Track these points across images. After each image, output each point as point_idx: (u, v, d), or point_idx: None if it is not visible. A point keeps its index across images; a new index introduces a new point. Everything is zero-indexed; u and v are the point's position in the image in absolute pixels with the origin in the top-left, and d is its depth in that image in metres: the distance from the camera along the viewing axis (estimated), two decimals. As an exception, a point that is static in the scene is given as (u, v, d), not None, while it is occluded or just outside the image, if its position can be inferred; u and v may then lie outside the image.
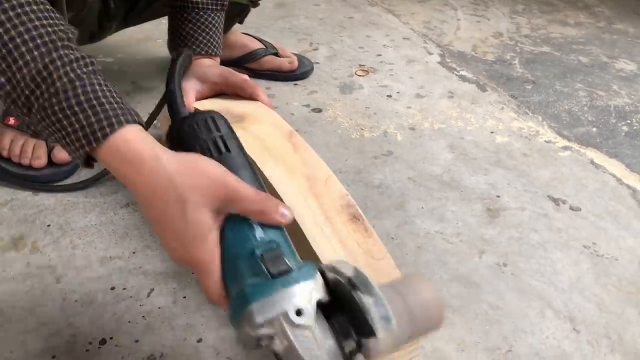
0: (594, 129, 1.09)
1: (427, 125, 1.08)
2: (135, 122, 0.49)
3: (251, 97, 0.82)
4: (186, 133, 0.55)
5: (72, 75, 0.48)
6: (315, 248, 0.57)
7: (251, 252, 0.47)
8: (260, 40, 1.22)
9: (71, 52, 0.49)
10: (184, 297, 0.69)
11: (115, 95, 0.50)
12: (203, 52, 0.87)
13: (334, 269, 0.47)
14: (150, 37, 1.35)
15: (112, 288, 0.70)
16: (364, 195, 0.88)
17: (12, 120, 0.88)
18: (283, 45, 1.26)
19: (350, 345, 0.46)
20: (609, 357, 0.64)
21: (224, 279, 0.49)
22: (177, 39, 0.88)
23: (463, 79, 1.27)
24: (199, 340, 0.64)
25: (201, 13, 0.87)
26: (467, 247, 0.79)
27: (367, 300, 0.45)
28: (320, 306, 0.46)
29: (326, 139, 1.02)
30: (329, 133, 1.04)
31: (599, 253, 0.79)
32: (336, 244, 0.58)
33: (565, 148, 1.03)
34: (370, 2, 1.69)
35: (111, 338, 0.63)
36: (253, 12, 1.16)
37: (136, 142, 0.48)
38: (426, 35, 1.50)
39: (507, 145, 1.03)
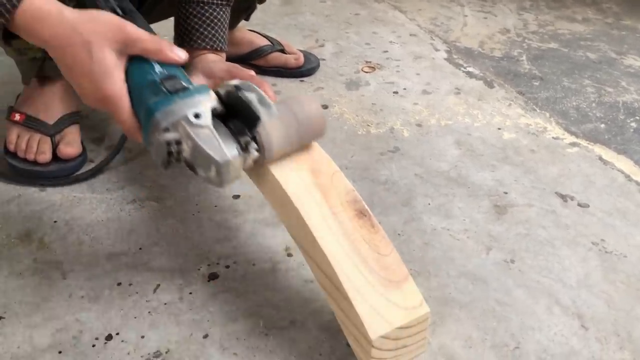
0: (602, 125, 1.09)
1: (433, 122, 1.08)
2: None
3: None
4: (88, 4, 0.63)
5: None
6: (320, 243, 0.57)
7: (152, 81, 0.56)
8: (266, 36, 1.22)
9: None
10: (190, 293, 0.69)
11: None
12: (208, 47, 0.86)
13: (224, 85, 0.58)
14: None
15: (119, 284, 0.70)
16: (370, 192, 0.87)
17: (17, 117, 0.88)
18: (289, 41, 1.26)
19: (245, 139, 0.55)
20: (618, 354, 0.63)
21: (134, 111, 0.57)
22: (183, 34, 0.88)
23: (470, 75, 1.27)
24: (205, 336, 0.63)
25: (206, 7, 0.87)
26: (474, 244, 0.78)
27: (250, 95, 0.56)
28: (217, 116, 0.55)
29: (332, 135, 1.02)
30: (335, 129, 1.03)
31: (608, 250, 0.78)
32: (342, 239, 0.58)
33: (573, 144, 1.02)
34: (377, -1, 1.69)
35: (117, 334, 0.63)
36: (259, 8, 1.16)
37: (43, 3, 0.55)
38: (433, 31, 1.49)
39: (514, 141, 1.03)
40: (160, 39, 0.59)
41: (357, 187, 0.64)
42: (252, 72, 0.83)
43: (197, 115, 0.53)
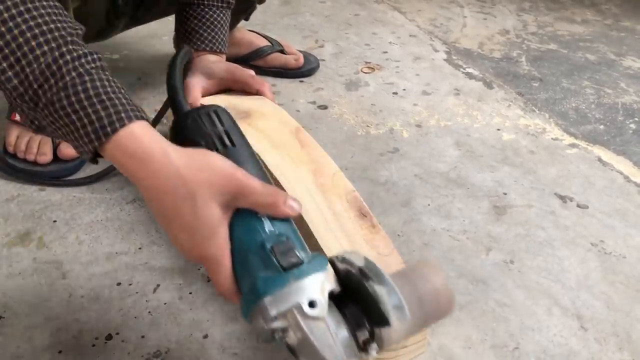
0: (602, 127, 1.09)
1: (433, 123, 1.08)
2: (142, 118, 0.49)
3: (257, 94, 0.81)
4: (190, 128, 0.55)
5: (80, 70, 0.48)
6: (321, 244, 0.57)
7: (261, 245, 0.47)
8: (266, 37, 1.22)
9: (79, 47, 0.49)
10: (190, 293, 0.69)
11: (123, 91, 0.50)
12: (207, 49, 0.86)
13: (344, 260, 0.48)
14: (155, 34, 1.35)
15: (118, 284, 0.70)
16: (370, 192, 0.87)
17: (18, 117, 0.88)
18: (289, 42, 1.26)
19: (363, 334, 0.46)
20: (617, 355, 0.63)
21: (235, 274, 0.49)
22: (183, 35, 0.88)
23: (469, 76, 1.27)
24: (205, 336, 0.63)
25: (206, 9, 0.87)
26: (474, 244, 0.78)
27: (379, 290, 0.45)
28: (333, 297, 0.46)
29: (332, 136, 1.02)
30: (335, 130, 1.04)
31: (607, 251, 0.78)
32: (343, 239, 0.58)
33: (573, 145, 1.03)
34: (376, 0, 1.69)
35: (117, 333, 0.63)
36: (259, 9, 1.16)
37: (144, 138, 0.48)
38: (432, 32, 1.49)
39: (513, 142, 1.03)
40: (274, 191, 0.50)
41: (357, 188, 0.64)
42: (252, 72, 0.84)
43: (312, 304, 0.44)
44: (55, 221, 0.79)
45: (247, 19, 1.17)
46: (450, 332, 0.65)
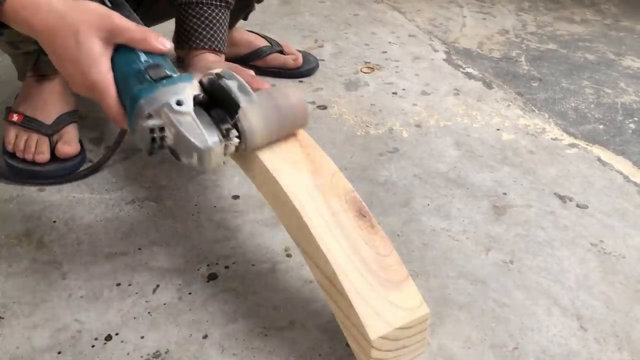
0: (601, 127, 1.09)
1: (432, 123, 1.08)
2: None
3: None
4: None
5: None
6: (320, 244, 0.57)
7: (137, 70, 0.58)
8: (265, 37, 1.22)
9: None
10: (190, 294, 0.69)
11: None
12: (207, 47, 0.86)
13: (207, 73, 0.59)
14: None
15: (118, 284, 0.70)
16: (369, 192, 0.87)
17: (15, 117, 0.88)
18: (288, 42, 1.26)
19: (226, 125, 0.56)
20: (617, 355, 0.63)
21: (120, 99, 0.58)
22: (182, 35, 0.88)
23: (469, 76, 1.27)
24: (205, 337, 0.63)
25: (205, 8, 0.87)
26: (473, 245, 0.78)
27: (231, 83, 0.58)
28: (200, 104, 0.57)
29: (331, 135, 1.02)
30: (334, 130, 1.03)
31: (607, 251, 0.78)
32: (342, 240, 0.58)
33: (572, 145, 1.03)
34: (376, 0, 1.68)
35: (117, 334, 0.63)
36: (258, 9, 1.16)
37: None
38: (432, 32, 1.49)
39: (513, 142, 1.03)
40: (146, 29, 0.60)
41: (356, 188, 0.64)
42: (252, 72, 0.83)
43: (179, 103, 0.55)
44: (54, 221, 0.79)
45: (245, 19, 1.16)
46: (449, 332, 0.65)
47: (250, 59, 1.19)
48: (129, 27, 0.59)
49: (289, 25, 1.48)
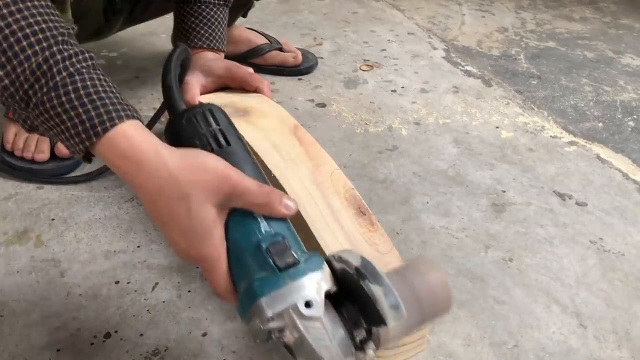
0: (600, 125, 1.09)
1: (432, 121, 1.08)
2: (135, 117, 0.49)
3: (256, 91, 0.81)
4: (185, 127, 0.54)
5: (71, 69, 0.48)
6: (320, 242, 0.57)
7: (257, 245, 0.47)
8: (264, 35, 1.21)
9: (71, 47, 0.49)
10: (189, 292, 0.69)
11: (115, 90, 0.50)
12: (205, 46, 0.86)
13: (341, 259, 0.47)
14: (154, 32, 1.35)
15: (117, 282, 0.70)
16: (369, 190, 0.87)
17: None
18: (287, 40, 1.25)
19: (361, 334, 0.46)
20: (616, 353, 0.63)
21: (231, 275, 0.49)
22: (181, 33, 0.88)
23: (468, 74, 1.27)
24: (204, 335, 0.63)
25: (204, 7, 0.86)
26: (473, 242, 0.78)
27: (376, 290, 0.45)
28: (329, 297, 0.46)
29: (331, 134, 1.01)
30: (334, 128, 1.03)
31: (606, 249, 0.78)
32: (342, 238, 0.58)
33: (572, 143, 1.03)
34: (375, -2, 1.69)
35: (116, 332, 0.63)
36: (257, 7, 1.16)
37: (137, 138, 0.47)
38: (431, 30, 1.49)
39: (512, 140, 1.03)
40: (270, 190, 0.49)
41: (356, 186, 0.64)
42: (251, 70, 0.83)
43: (308, 305, 0.44)
44: (53, 219, 0.79)
45: (245, 16, 1.16)
46: (449, 330, 0.65)
47: (250, 57, 1.18)
48: (250, 190, 0.48)
49: (288, 23, 1.47)
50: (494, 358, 0.62)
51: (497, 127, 1.06)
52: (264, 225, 0.49)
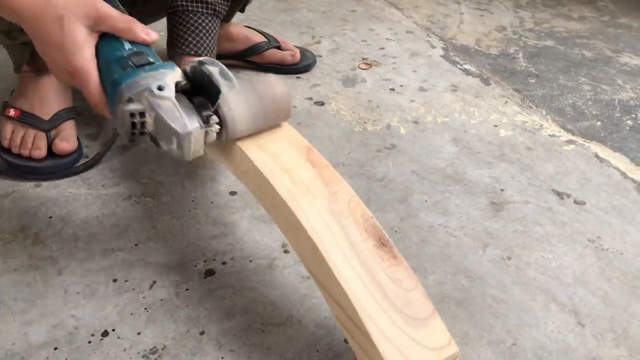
0: (598, 123, 1.09)
1: (430, 119, 1.08)
2: None
3: None
4: None
5: None
6: (339, 278, 0.53)
7: (120, 56, 0.58)
8: (262, 33, 1.21)
9: None
10: (187, 290, 0.68)
11: None
12: (192, 53, 0.87)
13: (190, 62, 0.58)
14: (151, 28, 1.34)
15: (114, 280, 0.69)
16: (367, 189, 0.87)
17: (12, 112, 0.88)
18: (285, 38, 1.25)
19: (207, 112, 0.56)
20: (614, 351, 0.63)
21: (103, 86, 0.58)
22: (171, 41, 0.89)
23: (466, 72, 1.27)
24: (202, 333, 0.63)
25: (191, 15, 0.87)
26: (471, 241, 0.78)
27: (212, 69, 0.57)
28: (182, 92, 0.57)
29: (329, 132, 1.01)
30: (332, 126, 1.03)
31: (604, 247, 0.78)
32: (363, 274, 0.54)
33: (570, 142, 1.03)
34: (373, -4, 1.68)
35: (113, 330, 0.63)
36: (255, 4, 1.15)
37: None
38: (429, 28, 1.49)
39: (511, 138, 1.03)
40: (131, 18, 0.60)
41: (354, 184, 0.64)
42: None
43: (160, 88, 0.55)
44: (51, 217, 0.79)
45: (242, 11, 1.16)
46: (447, 328, 0.65)
47: (247, 55, 1.18)
48: (114, 15, 0.59)
49: (286, 21, 1.47)
50: (492, 356, 0.62)
51: (496, 126, 1.06)
52: (127, 45, 0.59)
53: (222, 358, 0.60)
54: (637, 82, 1.24)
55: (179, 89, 0.56)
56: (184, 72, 0.58)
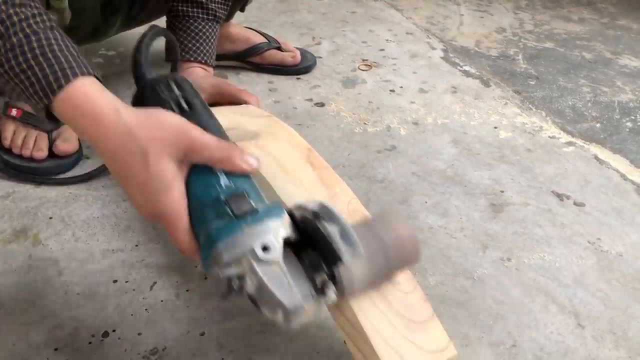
0: (598, 125, 1.09)
1: (430, 120, 1.08)
2: (90, 74, 0.51)
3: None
4: (149, 96, 0.55)
5: (27, 30, 0.50)
6: None
7: (216, 198, 0.48)
8: (263, 34, 1.21)
9: (29, 9, 0.51)
10: (187, 291, 0.69)
11: (72, 49, 0.51)
12: (192, 59, 0.87)
13: (300, 207, 0.48)
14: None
15: (115, 281, 0.69)
16: (367, 190, 0.87)
17: (14, 112, 0.88)
18: (286, 39, 1.25)
19: (321, 277, 0.46)
20: (614, 353, 0.64)
21: (193, 229, 0.49)
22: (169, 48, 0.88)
23: (466, 74, 1.27)
24: (202, 334, 0.63)
25: (191, 21, 0.87)
26: (471, 242, 0.78)
27: (331, 229, 0.46)
28: (290, 245, 0.47)
29: (329, 133, 1.02)
30: (332, 127, 1.03)
31: (604, 249, 0.79)
32: None
33: (569, 144, 1.03)
34: (373, -3, 1.69)
35: (114, 331, 0.63)
36: (255, 6, 1.16)
37: (94, 95, 0.49)
38: (429, 30, 1.49)
39: (510, 140, 1.03)
40: (229, 145, 0.50)
41: (354, 186, 0.64)
42: (239, 89, 0.83)
43: (265, 248, 0.45)
44: (51, 218, 0.79)
45: (242, 10, 1.16)
46: (447, 330, 0.64)
47: (248, 55, 1.18)
48: (209, 144, 0.49)
49: (286, 22, 1.47)
50: (492, 358, 0.62)
51: (495, 127, 1.07)
52: (224, 180, 0.49)
53: (223, 359, 0.61)
54: (637, 84, 1.24)
55: (287, 242, 0.46)
56: (291, 217, 0.48)
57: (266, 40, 1.20)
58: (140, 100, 0.56)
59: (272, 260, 0.45)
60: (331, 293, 0.46)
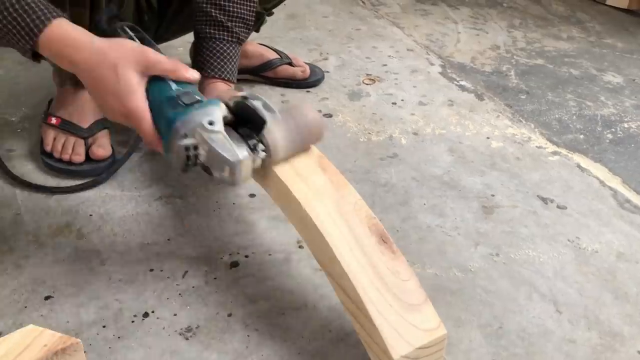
0: (582, 136, 1.19)
1: (429, 131, 1.17)
2: (61, 16, 0.66)
3: None
4: (109, 34, 0.74)
5: None
6: (347, 270, 0.61)
7: (170, 96, 0.66)
8: (275, 50, 1.31)
9: None
10: (215, 278, 0.78)
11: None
12: (217, 76, 0.95)
13: (233, 97, 0.67)
14: (171, 44, 1.44)
15: (151, 270, 0.79)
16: (371, 193, 0.97)
17: (54, 120, 0.97)
18: (295, 54, 1.35)
19: (253, 141, 0.64)
20: (586, 334, 0.73)
21: (155, 124, 0.66)
22: (197, 64, 0.97)
23: (462, 88, 1.36)
24: (229, 315, 0.73)
25: (217, 43, 0.95)
26: (464, 239, 0.88)
27: (256, 103, 0.65)
28: (228, 124, 0.64)
29: (337, 142, 1.11)
30: (339, 136, 1.13)
31: (582, 246, 0.88)
32: (366, 265, 0.63)
33: (555, 153, 1.12)
34: (376, 15, 1.78)
35: (153, 312, 0.73)
36: (267, 23, 1.25)
37: (71, 30, 0.66)
38: (428, 47, 1.59)
39: (501, 149, 1.12)
40: (176, 61, 0.68)
41: (360, 189, 0.72)
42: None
43: (211, 123, 0.62)
44: (91, 215, 0.88)
45: (257, 31, 1.26)
46: (442, 314, 0.74)
47: (262, 70, 1.28)
48: (162, 60, 0.67)
49: (295, 38, 1.57)
50: (481, 338, 0.72)
51: (488, 138, 1.16)
52: (174, 85, 0.67)
53: (249, 336, 0.70)
54: (618, 99, 1.34)
55: (226, 122, 0.64)
56: (227, 106, 0.66)
57: (279, 56, 1.29)
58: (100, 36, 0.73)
59: (217, 130, 0.62)
60: (261, 150, 0.64)
